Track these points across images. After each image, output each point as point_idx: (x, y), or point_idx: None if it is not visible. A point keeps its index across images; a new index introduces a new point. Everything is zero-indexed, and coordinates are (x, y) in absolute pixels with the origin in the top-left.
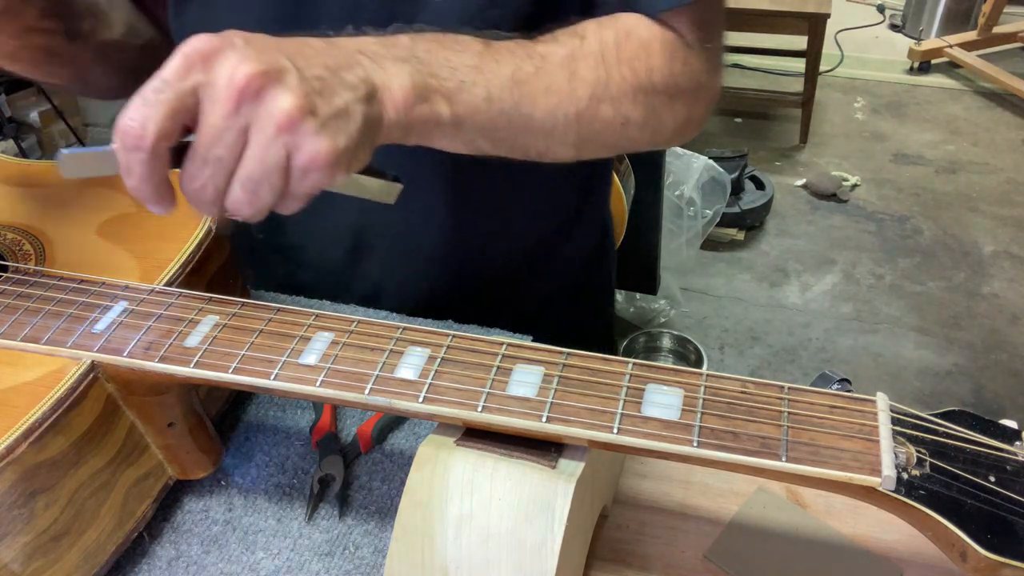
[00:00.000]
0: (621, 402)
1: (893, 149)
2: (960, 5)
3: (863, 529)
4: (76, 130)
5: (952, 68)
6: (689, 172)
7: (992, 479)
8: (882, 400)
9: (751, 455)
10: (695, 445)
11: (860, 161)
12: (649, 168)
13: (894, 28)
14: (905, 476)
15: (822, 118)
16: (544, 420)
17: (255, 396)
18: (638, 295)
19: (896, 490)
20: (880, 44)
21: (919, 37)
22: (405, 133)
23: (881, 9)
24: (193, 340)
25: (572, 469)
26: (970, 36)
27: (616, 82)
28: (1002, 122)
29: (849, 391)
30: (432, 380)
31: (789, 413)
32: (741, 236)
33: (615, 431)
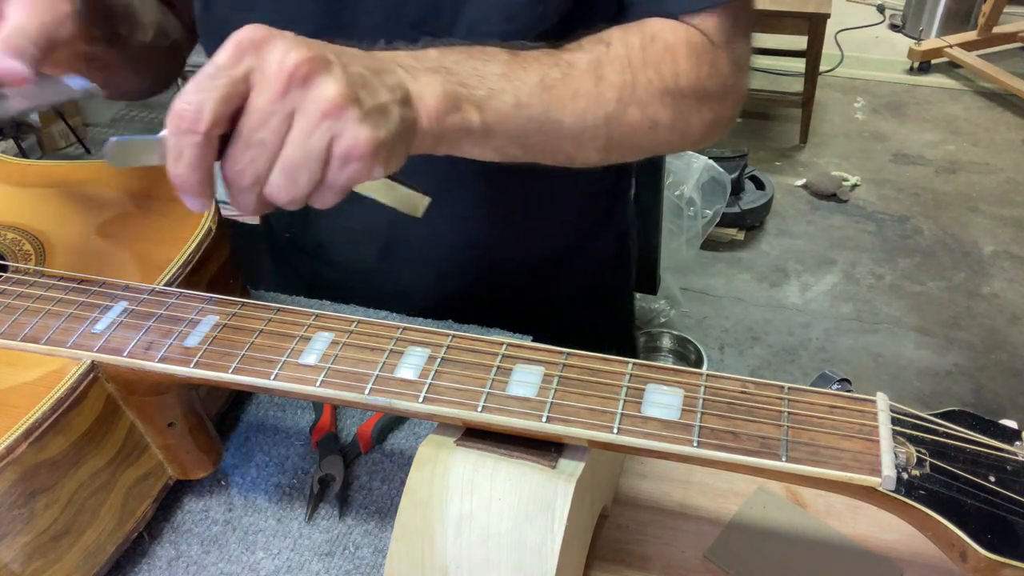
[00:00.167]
0: (621, 402)
1: (893, 149)
2: (960, 5)
3: (863, 529)
4: (76, 130)
5: (952, 68)
6: (689, 172)
7: (992, 479)
8: (882, 400)
9: (751, 455)
10: (695, 445)
11: (860, 161)
12: (649, 168)
13: (894, 28)
14: (905, 476)
15: (822, 118)
16: (544, 420)
17: (255, 396)
18: (638, 295)
19: (896, 490)
20: (880, 44)
21: (919, 37)
22: (436, 142)
23: (881, 9)
24: (193, 340)
25: (572, 469)
26: (970, 36)
27: (643, 85)
28: (1002, 122)
29: (849, 391)
30: (432, 380)
31: (789, 413)
32: (741, 236)
33: (615, 431)
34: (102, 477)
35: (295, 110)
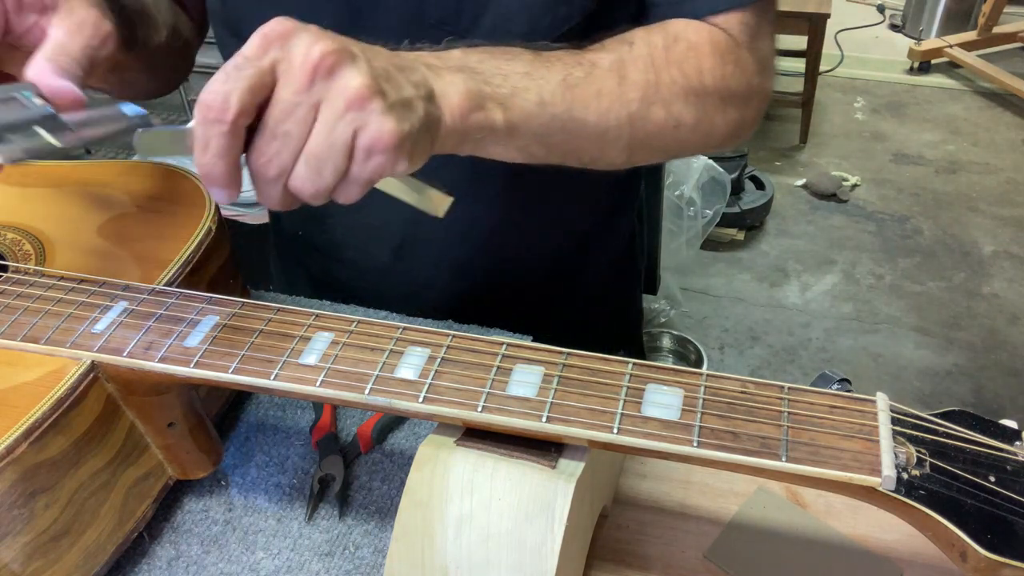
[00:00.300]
0: (621, 402)
1: (893, 149)
2: (960, 5)
3: (863, 529)
4: None
5: (952, 68)
6: (689, 172)
7: (992, 479)
8: (882, 400)
9: (751, 455)
10: (695, 445)
11: (860, 161)
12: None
13: (894, 28)
14: (905, 476)
15: (822, 118)
16: (544, 420)
17: (255, 396)
18: None
19: (896, 490)
20: (880, 44)
21: (919, 37)
22: (460, 141)
23: (881, 9)
24: (193, 340)
25: (572, 469)
26: (970, 36)
27: (666, 84)
28: (1002, 122)
29: (849, 391)
30: (432, 380)
31: (789, 413)
32: (741, 236)
33: (615, 431)
34: (102, 477)
35: (320, 101)
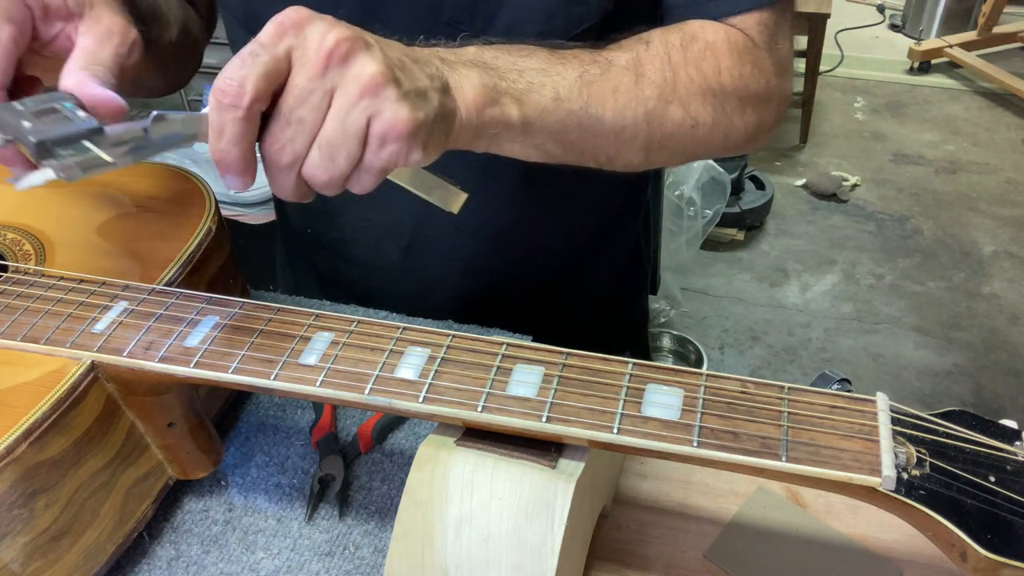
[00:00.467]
0: (621, 402)
1: (893, 149)
2: (960, 5)
3: (863, 529)
4: None
5: (952, 68)
6: (689, 172)
7: (992, 479)
8: (882, 400)
9: (751, 455)
10: (695, 445)
11: (860, 161)
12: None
13: (894, 28)
14: (905, 476)
15: (822, 118)
16: (544, 420)
17: (255, 396)
18: None
19: (896, 490)
20: (880, 44)
21: (919, 37)
22: (475, 136)
23: (881, 9)
24: (193, 340)
25: (572, 469)
26: (970, 36)
27: (683, 82)
28: (1002, 122)
29: (849, 391)
30: (432, 380)
31: (789, 413)
32: (741, 236)
33: (615, 431)
34: (102, 477)
35: (335, 88)
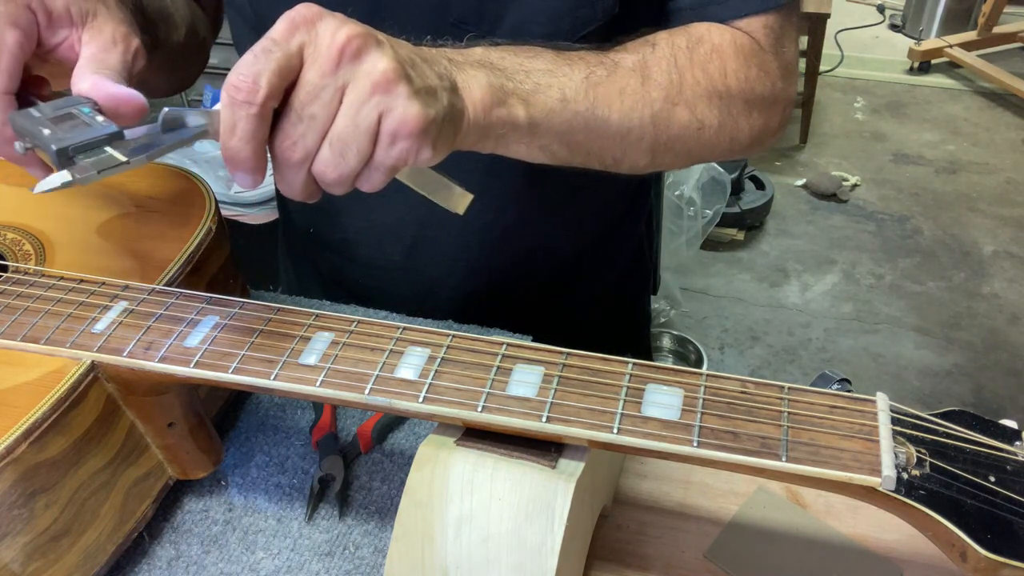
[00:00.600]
0: (621, 402)
1: (893, 149)
2: (960, 5)
3: (863, 529)
4: None
5: (952, 68)
6: (689, 172)
7: (992, 479)
8: (882, 400)
9: (751, 455)
10: (695, 445)
11: (860, 161)
12: None
13: (894, 28)
14: (905, 476)
15: (822, 118)
16: (544, 420)
17: (255, 396)
18: None
19: (896, 490)
20: (880, 44)
21: (919, 37)
22: (482, 136)
23: (881, 9)
24: (193, 340)
25: (572, 469)
26: (970, 36)
27: (690, 85)
28: (1002, 122)
29: (849, 391)
30: (432, 380)
31: (789, 413)
32: (741, 236)
33: (615, 431)
34: (102, 477)
35: (346, 84)
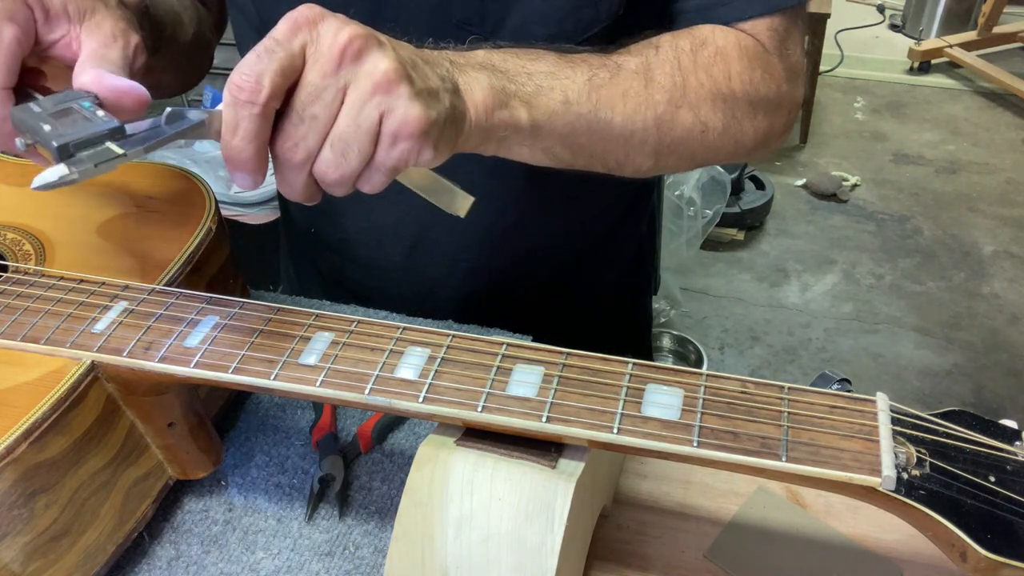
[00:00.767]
0: (621, 402)
1: (893, 149)
2: (960, 5)
3: (863, 529)
4: None
5: (952, 68)
6: (689, 172)
7: (992, 479)
8: (882, 400)
9: (751, 455)
10: (695, 445)
11: (860, 161)
12: None
13: (894, 28)
14: (905, 476)
15: (822, 118)
16: (544, 420)
17: (255, 396)
18: None
19: (896, 490)
20: (880, 44)
21: (919, 37)
22: (485, 138)
23: (881, 9)
24: (193, 340)
25: (572, 469)
26: (970, 36)
27: (693, 87)
28: (1002, 122)
29: (849, 391)
30: (432, 380)
31: (789, 413)
32: (741, 236)
33: (615, 431)
34: (102, 477)
35: (348, 84)
